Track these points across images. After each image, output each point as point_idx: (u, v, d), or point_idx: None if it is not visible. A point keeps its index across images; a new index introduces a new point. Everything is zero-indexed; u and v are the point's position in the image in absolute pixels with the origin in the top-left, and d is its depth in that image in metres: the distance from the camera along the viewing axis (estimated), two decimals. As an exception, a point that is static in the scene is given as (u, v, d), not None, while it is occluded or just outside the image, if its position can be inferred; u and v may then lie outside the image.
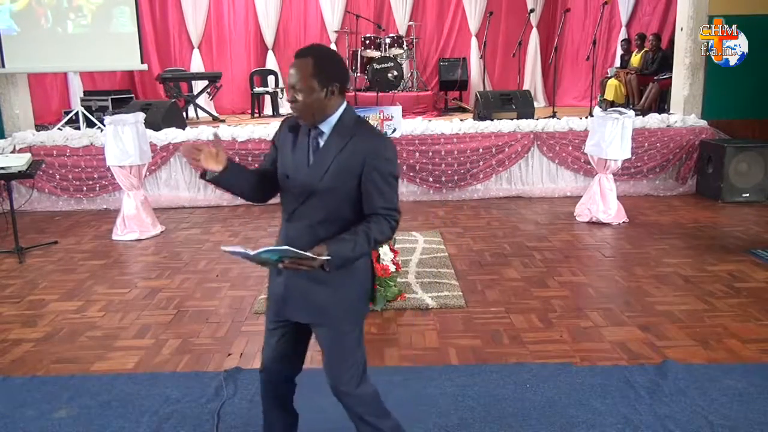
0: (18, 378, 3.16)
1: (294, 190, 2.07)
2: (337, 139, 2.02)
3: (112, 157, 5.62)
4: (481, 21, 10.67)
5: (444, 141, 6.99)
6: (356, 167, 2.00)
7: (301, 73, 1.96)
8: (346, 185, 2.01)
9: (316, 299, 2.07)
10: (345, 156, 2.00)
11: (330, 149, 2.02)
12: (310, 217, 2.04)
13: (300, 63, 1.97)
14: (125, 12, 7.98)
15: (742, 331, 3.54)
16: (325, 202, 2.03)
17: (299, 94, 1.97)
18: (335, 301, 2.08)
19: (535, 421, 2.70)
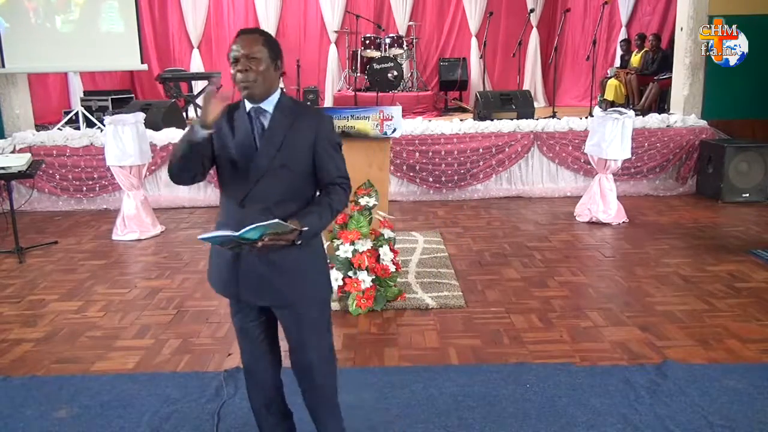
0: (18, 378, 3.16)
1: (243, 174, 2.03)
2: (282, 118, 2.04)
3: (112, 157, 5.62)
4: (481, 21, 10.68)
5: (444, 141, 6.99)
6: (308, 142, 2.05)
7: (254, 43, 1.98)
8: (299, 162, 2.05)
9: (280, 282, 2.07)
10: (295, 133, 2.04)
11: (278, 128, 2.04)
12: (266, 199, 2.03)
13: (249, 36, 2.00)
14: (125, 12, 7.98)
15: (742, 331, 3.54)
16: (279, 181, 2.03)
17: (253, 63, 1.97)
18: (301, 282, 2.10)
19: (535, 421, 2.70)
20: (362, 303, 3.85)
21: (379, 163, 4.36)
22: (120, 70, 9.39)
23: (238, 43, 1.99)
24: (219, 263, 2.14)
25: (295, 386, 2.29)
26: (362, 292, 3.87)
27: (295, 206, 2.04)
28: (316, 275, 2.16)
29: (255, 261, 2.04)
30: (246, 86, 1.99)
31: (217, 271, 2.16)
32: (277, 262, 2.04)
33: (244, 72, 1.97)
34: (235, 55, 1.98)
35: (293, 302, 2.11)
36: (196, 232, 5.89)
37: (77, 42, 7.80)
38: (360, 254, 3.92)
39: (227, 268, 2.10)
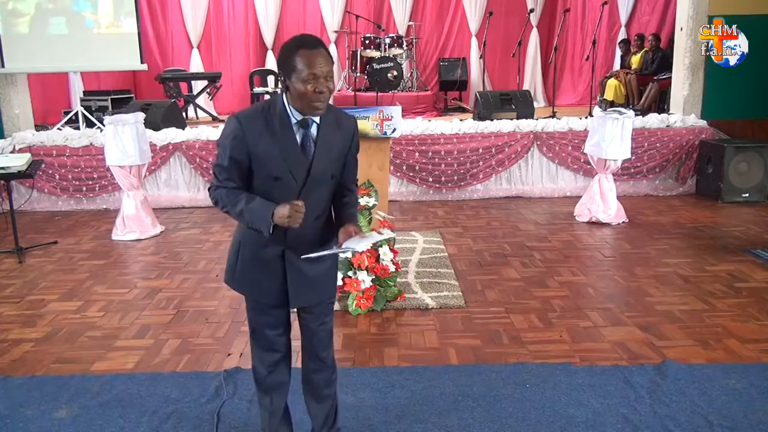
0: (18, 378, 3.16)
1: (292, 185, 1.99)
2: (329, 128, 2.05)
3: (111, 157, 5.62)
4: (481, 21, 10.67)
5: (444, 141, 6.99)
6: (345, 150, 2.10)
7: (331, 60, 1.94)
8: (340, 168, 2.10)
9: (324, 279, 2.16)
10: (340, 140, 2.07)
11: (328, 139, 2.04)
12: (314, 210, 2.04)
13: (324, 52, 1.93)
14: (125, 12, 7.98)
15: (742, 331, 3.54)
16: (327, 190, 2.07)
17: (331, 83, 1.94)
18: (332, 276, 2.21)
19: (535, 421, 2.70)
20: (362, 303, 3.85)
21: (379, 163, 4.36)
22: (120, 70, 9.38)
23: (319, 58, 1.90)
24: (259, 272, 2.11)
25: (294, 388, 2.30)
26: (362, 292, 3.87)
27: (329, 212, 2.11)
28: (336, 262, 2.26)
29: (300, 264, 2.07)
30: (320, 107, 1.94)
31: (257, 280, 2.13)
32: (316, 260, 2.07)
33: (321, 93, 1.92)
34: (317, 73, 1.89)
35: (330, 297, 2.22)
36: (196, 232, 5.90)
37: (77, 42, 7.80)
38: (360, 254, 3.91)
39: (272, 276, 2.10)
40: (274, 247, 2.06)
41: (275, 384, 2.29)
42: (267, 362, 2.26)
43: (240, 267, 2.13)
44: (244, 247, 2.11)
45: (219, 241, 5.59)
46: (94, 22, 7.92)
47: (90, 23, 7.91)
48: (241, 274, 2.14)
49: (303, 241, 2.05)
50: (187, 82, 9.97)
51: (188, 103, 9.46)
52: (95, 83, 9.98)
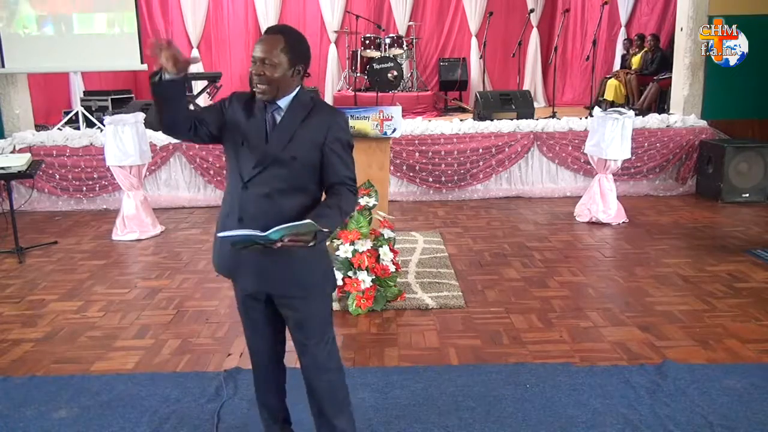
0: (18, 378, 3.16)
1: (250, 158, 2.06)
2: (295, 113, 2.08)
3: (111, 157, 5.62)
4: (481, 21, 10.67)
5: (444, 141, 6.99)
6: (318, 139, 2.07)
7: (273, 48, 1.99)
8: (308, 156, 2.07)
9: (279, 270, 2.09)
10: (307, 128, 2.07)
11: (290, 122, 2.07)
12: (270, 185, 2.05)
13: (271, 39, 2.01)
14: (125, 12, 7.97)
15: (742, 331, 3.54)
16: (287, 170, 2.05)
17: (268, 69, 1.99)
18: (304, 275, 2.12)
19: (535, 421, 2.70)
20: (362, 303, 3.85)
21: (379, 163, 4.36)
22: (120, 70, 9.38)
23: (259, 44, 2.02)
24: (222, 246, 2.15)
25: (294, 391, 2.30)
26: (362, 292, 3.87)
27: (297, 198, 2.06)
28: (316, 266, 2.15)
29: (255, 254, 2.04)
30: (260, 90, 2.04)
31: (218, 252, 2.20)
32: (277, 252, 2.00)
33: (258, 76, 2.01)
34: (253, 57, 2.02)
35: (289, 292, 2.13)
36: (196, 232, 5.90)
37: (77, 42, 7.80)
38: (360, 254, 3.92)
39: (226, 249, 2.10)
40: (232, 219, 2.08)
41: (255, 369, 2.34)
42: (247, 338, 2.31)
43: (215, 242, 2.20)
44: (219, 221, 2.17)
45: (219, 241, 5.58)
46: (94, 22, 7.91)
47: (90, 23, 7.90)
48: (215, 249, 2.21)
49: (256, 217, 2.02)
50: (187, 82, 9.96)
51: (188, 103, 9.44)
52: (95, 83, 9.98)
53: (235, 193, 2.09)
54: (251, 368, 2.38)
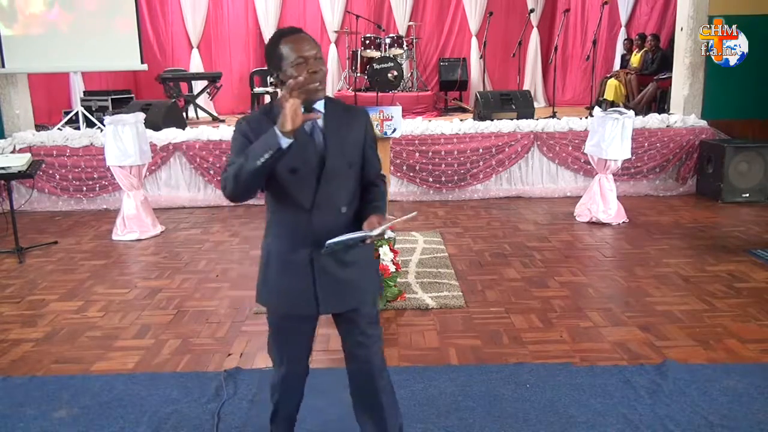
0: (18, 378, 3.16)
1: (308, 178, 1.95)
2: (336, 117, 2.02)
3: (112, 157, 5.62)
4: (481, 21, 10.67)
5: (444, 141, 6.99)
6: (360, 138, 2.06)
7: (315, 44, 1.94)
8: (358, 159, 2.05)
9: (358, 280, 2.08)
10: (350, 132, 2.03)
11: (336, 127, 2.00)
12: (336, 201, 2.00)
13: (309, 37, 1.96)
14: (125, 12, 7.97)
15: (742, 331, 3.54)
16: (347, 180, 2.02)
17: (321, 63, 1.93)
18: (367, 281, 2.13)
19: (535, 421, 2.70)
20: (362, 303, 3.85)
21: (379, 163, 4.36)
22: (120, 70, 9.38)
23: (304, 43, 1.92)
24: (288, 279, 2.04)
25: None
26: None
27: (355, 204, 2.06)
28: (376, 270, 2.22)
29: (332, 267, 2.01)
30: (320, 88, 1.93)
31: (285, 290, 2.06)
32: (348, 261, 2.02)
33: (316, 73, 1.91)
34: (306, 56, 1.90)
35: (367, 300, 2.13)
36: (196, 232, 5.90)
37: (77, 42, 7.80)
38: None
39: (301, 282, 2.02)
40: (302, 251, 1.99)
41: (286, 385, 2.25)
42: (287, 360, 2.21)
43: (269, 278, 2.08)
44: (273, 257, 2.06)
45: (219, 241, 5.59)
46: (94, 22, 7.91)
47: (90, 23, 7.90)
48: (271, 285, 2.08)
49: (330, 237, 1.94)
50: (187, 82, 9.97)
51: (188, 104, 9.47)
52: (95, 83, 9.99)
53: (298, 220, 1.99)
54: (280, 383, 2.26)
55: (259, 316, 3.87)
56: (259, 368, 3.20)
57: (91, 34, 7.88)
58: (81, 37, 7.84)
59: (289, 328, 2.15)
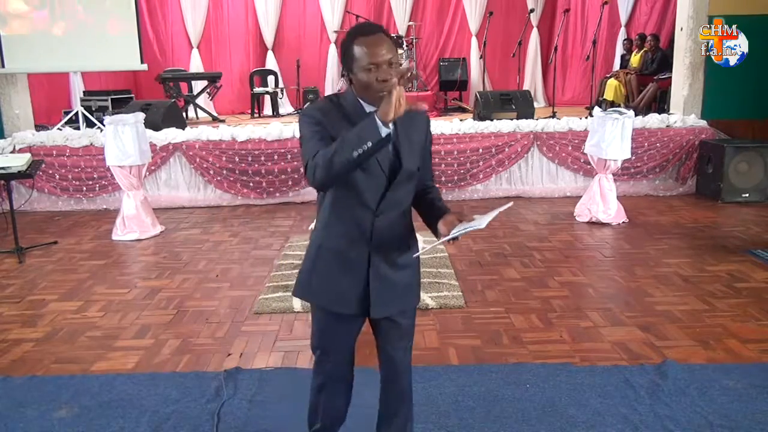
0: (18, 378, 3.15)
1: (378, 179, 1.89)
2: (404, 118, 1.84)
3: (112, 157, 5.62)
4: (481, 21, 10.68)
5: (444, 141, 6.98)
6: (422, 141, 2.02)
7: (392, 48, 1.82)
8: (421, 162, 2.01)
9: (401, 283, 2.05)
10: (417, 133, 1.99)
11: (405, 130, 1.94)
12: (400, 203, 1.97)
13: (384, 38, 1.83)
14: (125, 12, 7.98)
15: (742, 331, 3.54)
16: (411, 184, 1.99)
17: (394, 70, 1.82)
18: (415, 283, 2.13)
19: (535, 421, 2.70)
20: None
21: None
22: (120, 70, 9.39)
23: (381, 46, 1.81)
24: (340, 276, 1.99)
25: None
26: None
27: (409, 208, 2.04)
28: (418, 277, 2.16)
29: (387, 269, 1.97)
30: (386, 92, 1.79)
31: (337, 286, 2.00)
32: (400, 264, 1.99)
33: (385, 82, 1.80)
34: (378, 62, 1.80)
35: (412, 303, 2.12)
36: (196, 232, 5.90)
37: (77, 42, 7.79)
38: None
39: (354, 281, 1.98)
40: (359, 249, 1.94)
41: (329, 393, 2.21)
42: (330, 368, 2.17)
43: (319, 272, 2.01)
44: (325, 251, 1.99)
45: (219, 241, 5.59)
46: (94, 22, 7.92)
47: (90, 23, 7.90)
48: (319, 280, 2.01)
49: (389, 240, 1.92)
50: (187, 82, 9.97)
51: (188, 104, 9.46)
52: (95, 83, 9.99)
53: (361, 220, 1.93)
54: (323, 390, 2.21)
55: (259, 316, 3.87)
56: (259, 368, 3.20)
57: (91, 34, 7.88)
58: (81, 37, 7.84)
59: (336, 327, 2.09)
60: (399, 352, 2.14)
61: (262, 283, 4.42)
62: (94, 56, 7.90)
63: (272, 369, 3.19)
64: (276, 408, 2.84)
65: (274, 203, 6.92)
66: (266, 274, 4.62)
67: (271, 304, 4.01)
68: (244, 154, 6.85)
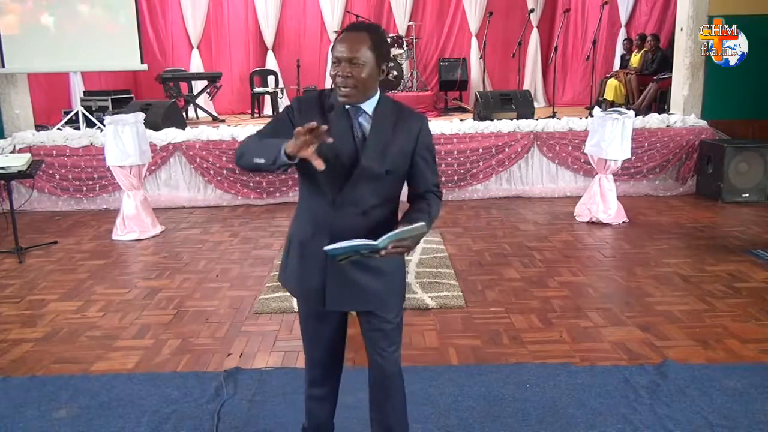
0: (18, 378, 3.15)
1: (339, 175, 1.91)
2: (385, 121, 1.94)
3: (112, 157, 5.62)
4: (481, 21, 10.68)
5: (444, 141, 6.98)
6: (409, 147, 1.98)
7: (359, 46, 1.84)
8: (401, 167, 1.97)
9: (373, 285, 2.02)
10: (398, 137, 1.96)
11: (382, 132, 1.93)
12: (363, 202, 1.95)
13: (357, 36, 1.86)
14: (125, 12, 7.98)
15: (742, 331, 3.54)
16: (379, 184, 1.95)
17: (356, 69, 1.84)
18: (388, 287, 2.06)
19: (535, 421, 2.70)
20: (362, 303, 3.85)
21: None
22: (120, 70, 9.39)
23: (344, 43, 1.84)
24: (303, 266, 2.03)
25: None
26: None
27: (385, 210, 2.00)
28: (401, 280, 2.13)
29: (347, 265, 1.95)
30: (345, 94, 1.88)
31: (301, 276, 2.05)
32: (365, 264, 1.96)
33: (345, 78, 1.84)
34: (337, 56, 1.85)
35: (385, 308, 2.08)
36: (195, 232, 5.90)
37: (77, 42, 7.80)
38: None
39: (314, 271, 2.00)
40: (319, 240, 1.93)
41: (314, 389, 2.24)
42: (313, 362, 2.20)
43: (290, 260, 2.07)
44: (294, 239, 2.05)
45: (219, 241, 5.59)
46: (94, 22, 7.92)
47: (90, 23, 7.90)
48: (290, 269, 2.08)
49: (344, 235, 1.88)
50: (187, 82, 9.97)
51: (188, 103, 9.47)
52: (95, 83, 9.99)
53: (321, 211, 1.96)
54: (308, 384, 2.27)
55: (259, 316, 3.87)
56: (259, 368, 3.20)
57: (91, 34, 7.88)
58: (81, 37, 7.84)
59: (312, 322, 2.13)
60: (385, 355, 2.13)
61: (262, 283, 4.42)
62: (94, 56, 7.91)
63: (272, 369, 3.19)
64: (276, 408, 2.84)
65: (274, 203, 6.92)
66: (266, 274, 4.62)
67: (271, 304, 4.01)
68: (244, 154, 6.84)
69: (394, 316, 2.12)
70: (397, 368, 2.17)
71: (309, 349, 2.21)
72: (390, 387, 2.17)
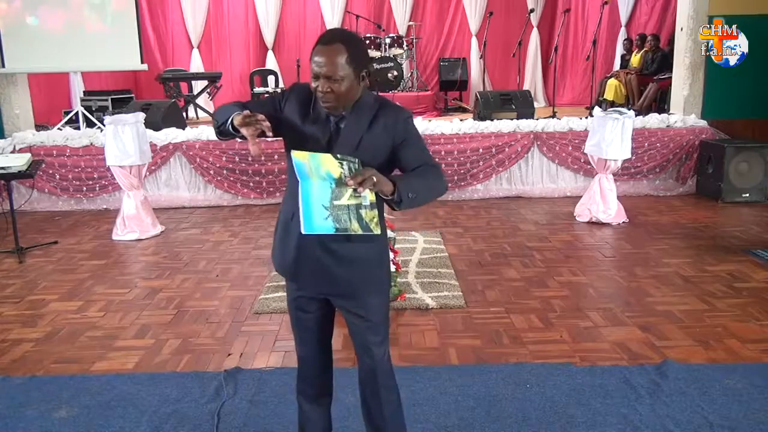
0: (18, 378, 3.16)
1: None
2: (359, 120, 1.95)
3: (112, 157, 5.62)
4: (481, 21, 10.68)
5: (444, 141, 6.99)
6: (386, 143, 1.97)
7: (337, 59, 1.84)
8: (374, 161, 1.93)
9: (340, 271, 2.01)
10: (373, 133, 1.95)
11: (354, 130, 1.95)
12: None
13: (334, 49, 1.84)
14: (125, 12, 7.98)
15: (742, 331, 3.54)
16: None
17: (335, 85, 1.85)
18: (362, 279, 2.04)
19: (535, 421, 2.70)
20: (362, 303, 3.85)
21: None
22: (120, 70, 9.39)
23: (320, 56, 1.85)
24: (281, 246, 2.09)
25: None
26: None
27: None
28: (379, 272, 2.09)
29: (315, 249, 1.97)
30: (327, 107, 1.91)
31: (279, 255, 2.11)
32: (335, 251, 1.97)
33: (324, 94, 1.87)
34: (315, 72, 1.86)
35: (352, 294, 2.05)
36: (196, 232, 5.90)
37: (77, 42, 7.80)
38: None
39: (288, 252, 2.05)
40: (296, 222, 1.93)
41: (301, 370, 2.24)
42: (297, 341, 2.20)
43: (276, 242, 2.13)
44: (280, 220, 2.10)
45: (219, 241, 5.59)
46: (94, 22, 7.92)
47: (90, 23, 7.91)
48: (275, 247, 2.14)
49: None
50: (188, 82, 9.98)
51: (188, 104, 9.47)
52: (95, 83, 9.99)
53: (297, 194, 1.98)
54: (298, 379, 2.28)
55: (260, 316, 3.87)
56: (259, 368, 3.20)
57: (91, 34, 7.89)
58: (81, 37, 7.85)
59: (295, 311, 2.15)
60: (369, 351, 2.11)
61: (262, 283, 4.42)
62: (94, 56, 7.91)
63: (272, 369, 3.19)
64: (276, 408, 2.84)
65: (274, 203, 6.91)
66: (266, 274, 4.62)
67: (271, 304, 4.01)
68: (244, 154, 6.85)
69: (373, 313, 2.08)
70: (381, 365, 2.14)
71: (296, 344, 2.22)
72: (374, 384, 2.15)
